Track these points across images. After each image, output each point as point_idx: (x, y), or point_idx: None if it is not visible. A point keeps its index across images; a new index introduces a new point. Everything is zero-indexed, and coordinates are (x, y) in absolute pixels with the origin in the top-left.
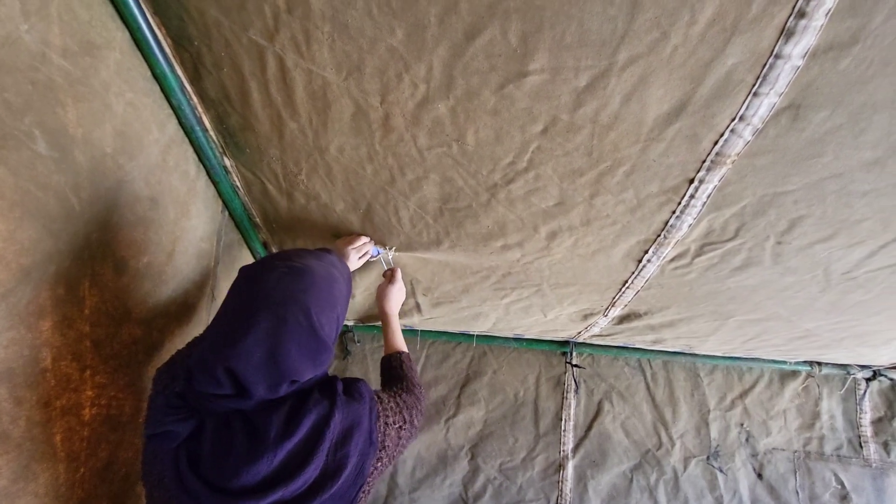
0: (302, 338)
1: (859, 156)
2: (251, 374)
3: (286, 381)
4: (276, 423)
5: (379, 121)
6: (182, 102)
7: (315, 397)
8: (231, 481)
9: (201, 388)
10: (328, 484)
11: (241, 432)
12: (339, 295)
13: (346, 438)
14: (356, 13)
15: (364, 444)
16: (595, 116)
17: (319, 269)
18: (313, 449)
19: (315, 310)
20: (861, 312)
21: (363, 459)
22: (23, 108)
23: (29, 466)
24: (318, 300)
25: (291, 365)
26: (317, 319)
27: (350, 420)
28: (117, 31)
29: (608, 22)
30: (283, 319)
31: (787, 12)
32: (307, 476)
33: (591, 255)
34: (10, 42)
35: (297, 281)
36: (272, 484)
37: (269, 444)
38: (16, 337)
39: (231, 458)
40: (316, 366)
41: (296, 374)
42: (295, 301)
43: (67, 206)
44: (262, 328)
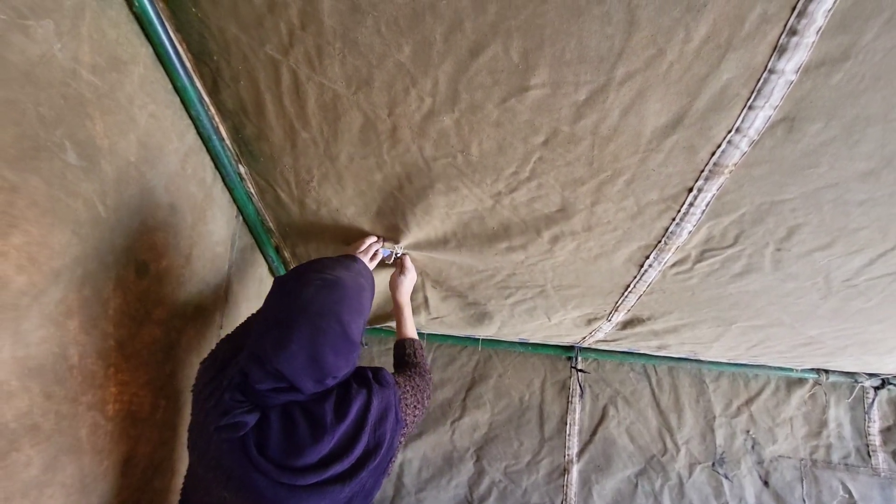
0: (337, 342)
1: (854, 166)
2: (298, 373)
3: (328, 377)
4: (330, 411)
5: (387, 132)
6: (201, 113)
7: (355, 387)
8: (298, 460)
9: (260, 385)
10: (371, 457)
11: (302, 420)
12: (366, 301)
13: (383, 419)
14: (366, 31)
15: (393, 423)
16: (595, 128)
17: (349, 281)
18: (360, 430)
19: (347, 318)
20: (864, 320)
21: (394, 435)
22: (55, 121)
23: (57, 458)
24: (349, 310)
25: (330, 365)
26: (348, 327)
27: (384, 403)
28: (141, 47)
29: (606, 39)
30: (321, 329)
31: (779, 30)
32: (357, 452)
33: (594, 258)
34: (45, 60)
35: (331, 293)
36: (331, 461)
37: (328, 428)
38: (46, 335)
39: (296, 441)
40: (349, 363)
41: (335, 371)
42: (330, 312)
43: (94, 212)
44: (304, 336)
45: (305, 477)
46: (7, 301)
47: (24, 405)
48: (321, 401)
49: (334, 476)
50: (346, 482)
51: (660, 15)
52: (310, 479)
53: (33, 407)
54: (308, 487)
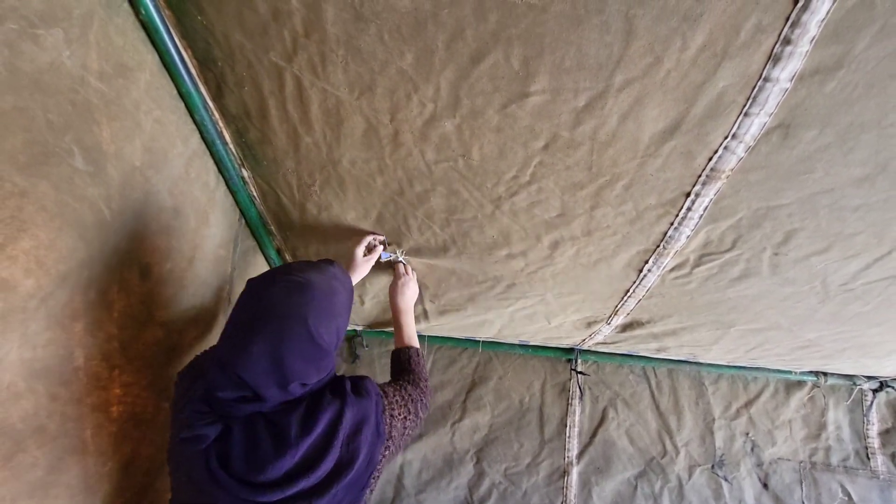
0: (302, 346)
1: (849, 172)
2: (260, 379)
3: (293, 383)
4: (296, 422)
5: (389, 137)
6: (205, 118)
7: (328, 398)
8: (259, 475)
9: (222, 393)
10: (343, 473)
11: (265, 432)
12: (340, 305)
13: (357, 432)
14: (369, 38)
15: (373, 436)
16: (594, 134)
17: (320, 283)
18: (329, 443)
19: (313, 322)
20: (861, 324)
21: (373, 449)
22: (64, 127)
23: (63, 459)
24: (317, 313)
25: (294, 370)
26: (315, 330)
27: (360, 415)
28: (147, 54)
29: (605, 48)
30: (283, 331)
31: (774, 39)
32: (325, 467)
33: (593, 264)
34: (55, 68)
35: (298, 295)
36: (295, 476)
37: (292, 442)
38: (52, 337)
39: (258, 455)
40: (319, 370)
41: (300, 377)
42: (295, 315)
43: (100, 216)
44: (266, 339)
45: (269, 493)
46: (15, 304)
47: (31, 406)
48: (288, 412)
49: (301, 492)
50: (315, 499)
51: (657, 24)
52: (274, 496)
53: (39, 408)
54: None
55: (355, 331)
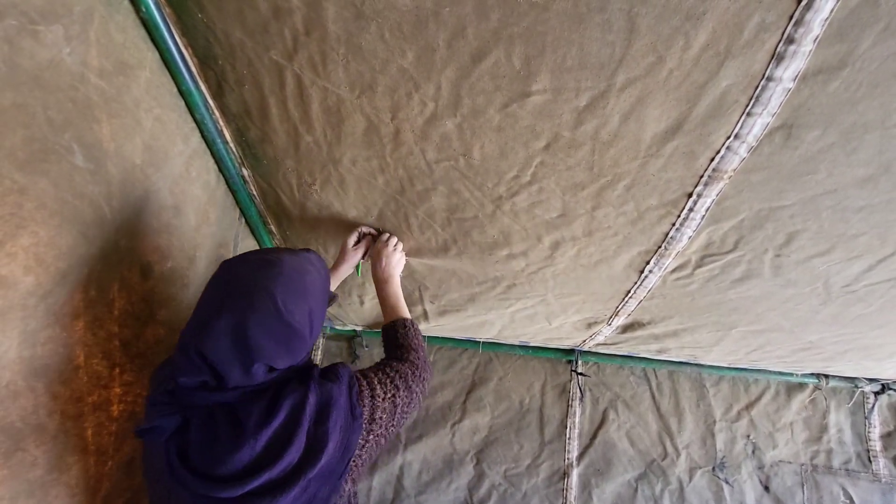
0: (268, 321)
1: (852, 173)
2: (222, 355)
3: (257, 363)
4: (257, 412)
5: (390, 135)
6: (205, 117)
7: (292, 385)
8: (217, 469)
9: (183, 377)
10: (311, 462)
11: (224, 423)
12: (311, 286)
13: (323, 417)
14: (370, 37)
15: (345, 421)
16: (595, 134)
17: (290, 261)
18: (292, 432)
19: (282, 296)
20: (863, 325)
21: (347, 435)
22: (63, 124)
23: (63, 458)
24: (286, 289)
25: (259, 347)
26: (283, 306)
27: (326, 398)
28: (148, 51)
29: (607, 47)
30: (250, 305)
31: (777, 38)
32: (290, 458)
33: (594, 265)
34: (55, 65)
35: (266, 270)
36: (257, 469)
37: (250, 432)
38: (52, 335)
39: (216, 447)
40: (290, 352)
41: (266, 357)
42: (262, 288)
43: (100, 214)
44: (230, 314)
45: (229, 488)
46: (15, 301)
47: (30, 405)
48: (251, 401)
49: (264, 486)
50: (282, 493)
51: (659, 23)
52: (234, 491)
53: (39, 407)
54: (234, 501)
55: (355, 331)
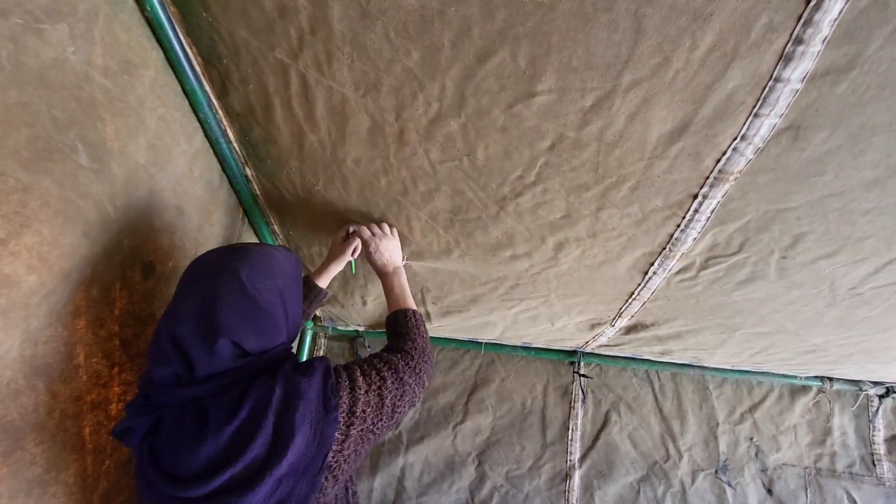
0: (232, 297)
1: (859, 175)
2: (188, 334)
3: (221, 339)
4: (223, 406)
5: (394, 135)
6: (209, 116)
7: (261, 378)
8: (182, 468)
9: (156, 369)
10: (277, 457)
11: (191, 419)
12: (278, 267)
13: (289, 410)
14: (375, 36)
15: (316, 413)
16: (600, 134)
17: (256, 248)
18: (256, 425)
19: (247, 274)
20: (869, 328)
21: (320, 428)
22: (68, 123)
23: (61, 457)
24: (251, 267)
25: (223, 323)
26: (248, 282)
27: (293, 393)
28: (152, 50)
29: (613, 47)
30: (214, 284)
31: (785, 39)
32: (254, 453)
33: (598, 266)
34: (59, 63)
35: (231, 254)
36: (220, 466)
37: (212, 427)
38: (54, 334)
39: (181, 445)
40: (258, 331)
41: (230, 332)
42: (227, 269)
43: (104, 213)
44: (198, 294)
45: (192, 487)
46: (17, 300)
47: (30, 403)
48: (219, 396)
49: (228, 484)
50: (248, 490)
51: (666, 23)
52: (198, 490)
53: (39, 405)
54: (200, 501)
55: (357, 331)
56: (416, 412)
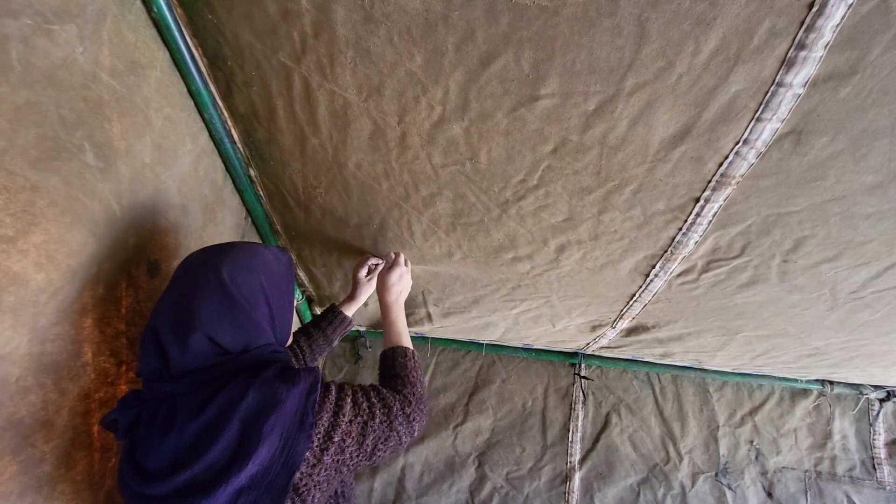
0: (209, 290)
1: (861, 180)
2: (164, 327)
3: (195, 333)
4: (193, 402)
5: (396, 139)
6: (214, 117)
7: (238, 379)
8: (149, 463)
9: (141, 364)
10: (238, 465)
11: (163, 415)
12: (262, 265)
13: (261, 417)
14: (378, 40)
15: (289, 427)
16: (603, 138)
17: (245, 246)
18: (221, 428)
19: (227, 269)
20: (870, 332)
21: (289, 443)
22: (75, 122)
23: (70, 454)
24: (232, 263)
25: (197, 316)
26: (228, 277)
27: (268, 400)
28: (159, 51)
29: (616, 51)
30: (193, 278)
31: (788, 44)
32: (213, 456)
33: (600, 268)
34: (67, 64)
35: (217, 250)
36: (180, 465)
37: (179, 423)
38: (61, 332)
39: (151, 441)
40: (235, 327)
41: (204, 326)
42: (207, 264)
43: (110, 212)
44: (177, 288)
45: (155, 484)
46: (26, 298)
47: (39, 401)
48: (193, 392)
49: (186, 486)
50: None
51: (670, 28)
52: (159, 488)
53: (48, 403)
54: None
55: (358, 331)
56: None
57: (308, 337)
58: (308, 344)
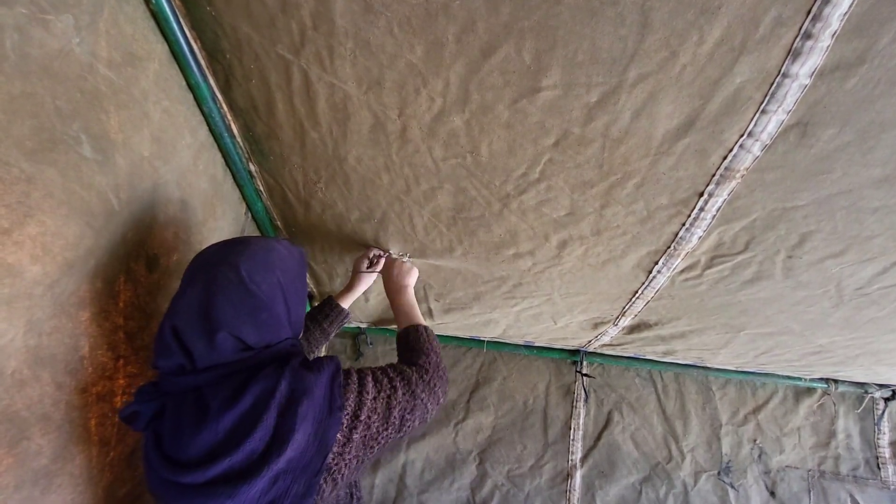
0: (230, 289)
1: (868, 173)
2: (187, 327)
3: (220, 333)
4: (223, 394)
5: (396, 132)
6: (213, 110)
7: (266, 371)
8: (181, 453)
9: (159, 359)
10: (276, 452)
11: (192, 406)
12: (278, 260)
13: (293, 405)
14: (378, 31)
15: (319, 412)
16: (605, 131)
17: (258, 241)
18: (258, 417)
19: (245, 267)
20: (875, 329)
21: (322, 427)
22: (72, 114)
23: (67, 448)
24: (249, 260)
25: (222, 317)
26: (247, 275)
27: (299, 388)
28: (157, 43)
29: (619, 41)
30: (213, 276)
31: (794, 33)
32: (253, 445)
33: (602, 264)
34: (64, 54)
35: (232, 246)
36: (219, 454)
37: (213, 414)
38: (58, 325)
39: (182, 430)
40: (257, 325)
41: (228, 326)
42: (225, 261)
43: (108, 205)
44: (197, 286)
45: (190, 473)
46: (21, 290)
47: (36, 394)
48: (220, 384)
49: (227, 474)
50: (245, 482)
51: (673, 17)
52: (195, 477)
53: (44, 396)
54: (197, 489)
55: (359, 328)
56: None
57: (305, 330)
58: (305, 337)
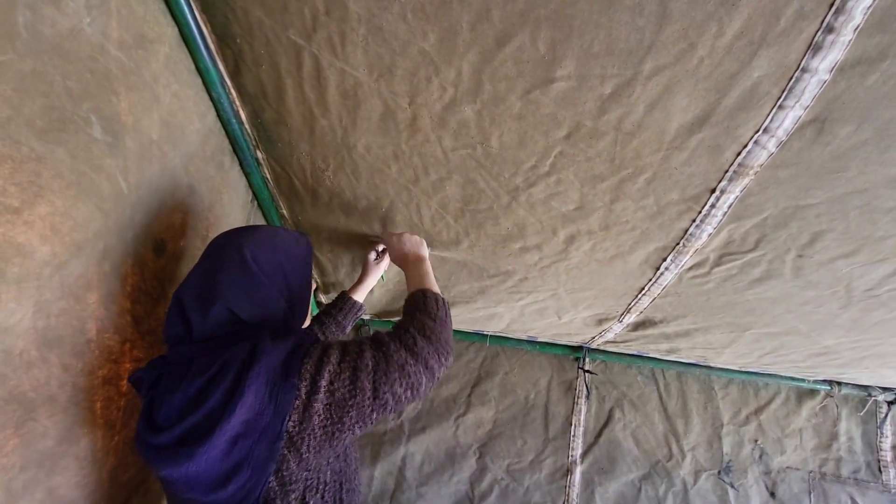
0: (232, 266)
1: (885, 172)
2: (190, 298)
3: (216, 305)
4: (205, 361)
5: (406, 121)
6: (222, 96)
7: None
8: (159, 416)
9: (166, 328)
10: (227, 410)
11: (177, 374)
12: (283, 245)
13: (247, 367)
14: (391, 17)
15: (275, 375)
16: (618, 124)
17: (267, 228)
18: (219, 380)
19: (249, 248)
20: (883, 332)
21: (277, 392)
22: (82, 95)
23: (72, 430)
24: (254, 241)
25: (220, 290)
26: (249, 255)
27: (257, 351)
28: (168, 26)
29: (636, 32)
30: (218, 255)
31: (816, 27)
32: (211, 404)
33: (609, 260)
34: (75, 34)
35: (241, 231)
36: (185, 415)
37: (188, 378)
38: (66, 307)
39: (164, 395)
40: (252, 302)
41: (224, 299)
42: (232, 242)
43: (117, 188)
44: (205, 263)
45: (162, 435)
46: (31, 270)
47: (43, 376)
48: (210, 355)
49: (188, 432)
50: (202, 443)
51: (693, 8)
52: (164, 438)
53: (51, 378)
54: (167, 450)
55: (363, 320)
56: (417, 402)
57: (320, 325)
58: (322, 331)
